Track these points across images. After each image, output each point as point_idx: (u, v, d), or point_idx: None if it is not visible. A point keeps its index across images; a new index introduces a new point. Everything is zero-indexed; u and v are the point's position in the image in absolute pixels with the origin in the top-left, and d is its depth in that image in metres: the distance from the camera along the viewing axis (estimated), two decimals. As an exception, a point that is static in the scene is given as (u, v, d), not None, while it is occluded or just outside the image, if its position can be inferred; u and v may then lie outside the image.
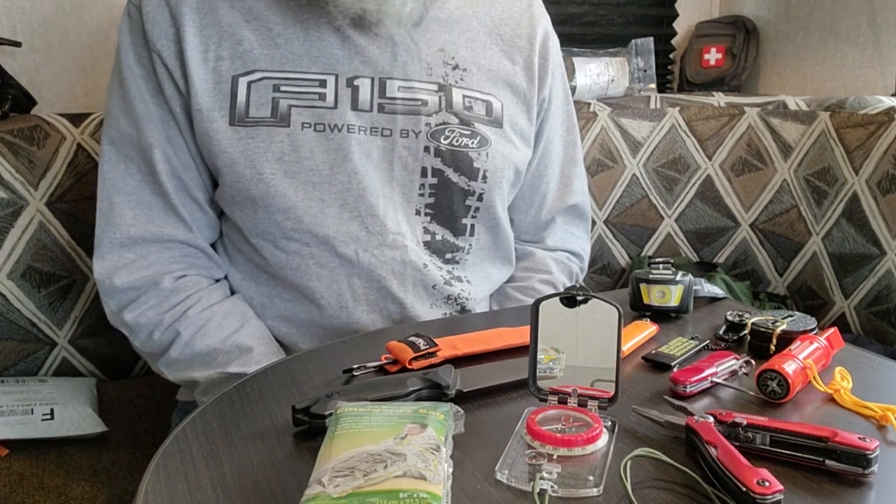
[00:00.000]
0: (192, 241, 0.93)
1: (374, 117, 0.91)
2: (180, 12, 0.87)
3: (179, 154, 0.91)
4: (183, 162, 0.91)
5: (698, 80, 1.84)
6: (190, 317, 0.89)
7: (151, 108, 0.90)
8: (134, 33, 0.90)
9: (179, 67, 0.87)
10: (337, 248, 0.91)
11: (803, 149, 1.48)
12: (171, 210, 0.91)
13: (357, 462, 0.48)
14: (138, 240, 0.90)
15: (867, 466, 0.53)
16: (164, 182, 0.90)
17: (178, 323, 0.89)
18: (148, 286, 0.90)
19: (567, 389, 0.61)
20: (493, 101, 0.98)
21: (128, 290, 0.90)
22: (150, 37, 0.88)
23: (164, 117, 0.90)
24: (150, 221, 0.91)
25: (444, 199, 0.95)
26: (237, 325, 0.90)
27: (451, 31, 0.96)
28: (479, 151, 0.95)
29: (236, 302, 0.93)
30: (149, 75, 0.89)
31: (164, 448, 0.59)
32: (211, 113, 0.87)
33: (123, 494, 0.96)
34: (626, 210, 1.56)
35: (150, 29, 0.88)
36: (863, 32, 1.64)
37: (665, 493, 0.52)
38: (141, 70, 0.90)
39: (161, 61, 0.88)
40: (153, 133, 0.89)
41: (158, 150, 0.89)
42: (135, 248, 0.91)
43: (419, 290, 0.95)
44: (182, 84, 0.88)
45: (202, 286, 0.92)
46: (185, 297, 0.90)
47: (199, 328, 0.89)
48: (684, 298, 0.85)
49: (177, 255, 0.92)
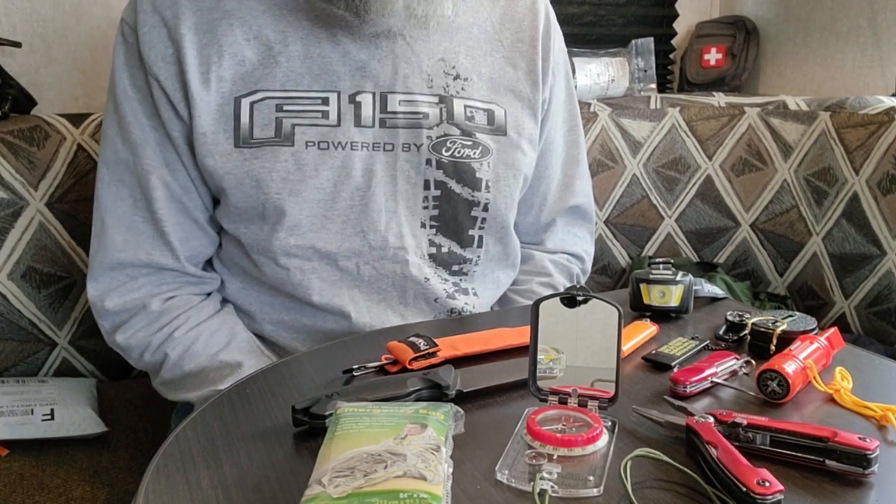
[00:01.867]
0: (181, 269, 0.92)
1: (376, 133, 0.90)
2: (179, 33, 0.86)
3: (178, 177, 0.90)
4: (182, 185, 0.90)
5: (698, 81, 1.84)
6: (177, 338, 0.89)
7: (148, 132, 0.89)
8: (129, 55, 0.88)
9: (179, 90, 0.86)
10: (339, 262, 0.91)
11: (803, 149, 1.48)
12: (160, 238, 0.90)
13: (357, 462, 0.48)
14: (127, 264, 0.90)
15: (867, 466, 0.53)
16: (160, 209, 0.89)
17: (165, 345, 0.89)
18: (137, 308, 0.90)
19: (567, 389, 0.61)
20: (495, 109, 0.97)
21: (119, 312, 0.91)
22: (147, 60, 0.86)
23: (162, 141, 0.89)
24: (139, 248, 0.90)
25: (449, 211, 0.95)
26: (224, 341, 0.90)
27: (452, 39, 0.96)
28: (481, 161, 0.95)
29: (224, 317, 0.93)
30: (145, 98, 0.88)
31: (164, 448, 0.59)
32: (216, 136, 0.86)
33: (123, 495, 0.96)
34: (627, 210, 1.56)
35: (147, 52, 0.86)
36: (863, 32, 1.64)
37: (665, 493, 0.52)
38: (136, 93, 0.88)
39: (158, 85, 0.86)
40: (150, 158, 0.89)
41: (156, 176, 0.89)
42: (125, 270, 0.91)
43: (420, 303, 0.95)
44: (182, 107, 0.86)
45: (192, 304, 0.92)
46: (172, 317, 0.90)
47: (186, 348, 0.89)
48: (684, 298, 0.85)
49: (167, 278, 0.92)
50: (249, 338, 0.92)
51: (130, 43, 0.88)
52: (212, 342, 0.89)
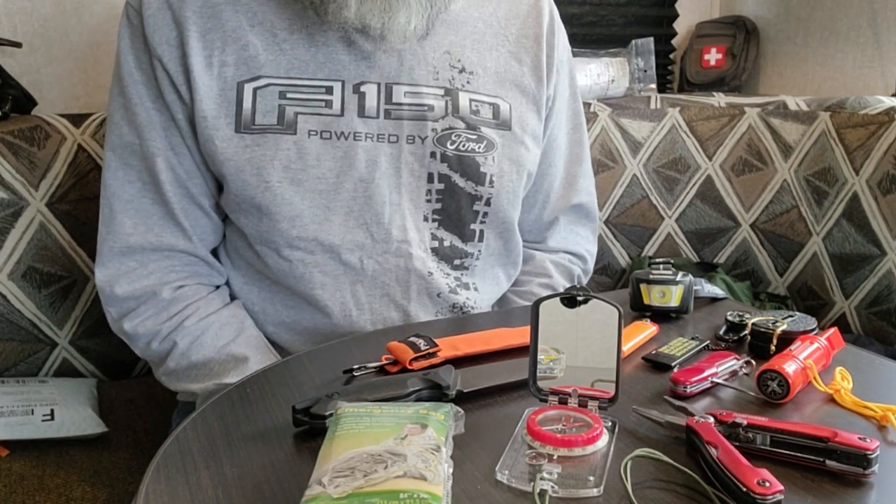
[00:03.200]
0: (192, 251, 0.92)
1: (380, 124, 0.90)
2: (183, 16, 0.86)
3: (183, 161, 0.90)
4: (187, 169, 0.90)
5: (698, 81, 1.84)
6: (187, 327, 0.89)
7: (153, 115, 0.89)
8: (134, 38, 0.89)
9: (182, 73, 0.86)
10: (342, 255, 0.90)
11: (804, 149, 1.48)
12: (171, 219, 0.90)
13: (357, 462, 0.48)
14: (137, 249, 0.90)
15: (867, 467, 0.53)
16: (167, 191, 0.89)
17: (175, 333, 0.89)
18: (147, 296, 0.90)
19: (567, 390, 0.61)
20: (500, 103, 0.97)
21: (128, 299, 0.90)
22: (151, 42, 0.86)
23: (166, 124, 0.89)
24: (150, 231, 0.90)
25: (452, 205, 0.95)
26: (233, 334, 0.89)
27: (458, 33, 0.96)
28: (485, 156, 0.95)
29: (234, 310, 0.93)
30: (149, 80, 0.88)
31: (164, 448, 0.59)
32: (216, 120, 0.86)
33: (124, 495, 0.96)
34: (627, 210, 1.56)
35: (151, 34, 0.86)
36: (863, 32, 1.64)
37: (665, 493, 0.52)
38: (141, 76, 0.89)
39: (162, 67, 0.87)
40: (156, 141, 0.89)
41: (162, 159, 0.89)
42: (135, 255, 0.90)
43: (423, 298, 0.95)
44: (184, 90, 0.87)
45: (201, 295, 0.92)
46: (183, 307, 0.90)
47: (195, 338, 0.88)
48: (684, 299, 0.85)
49: (177, 264, 0.92)
50: (258, 333, 0.92)
51: (135, 25, 0.88)
52: (221, 334, 0.89)
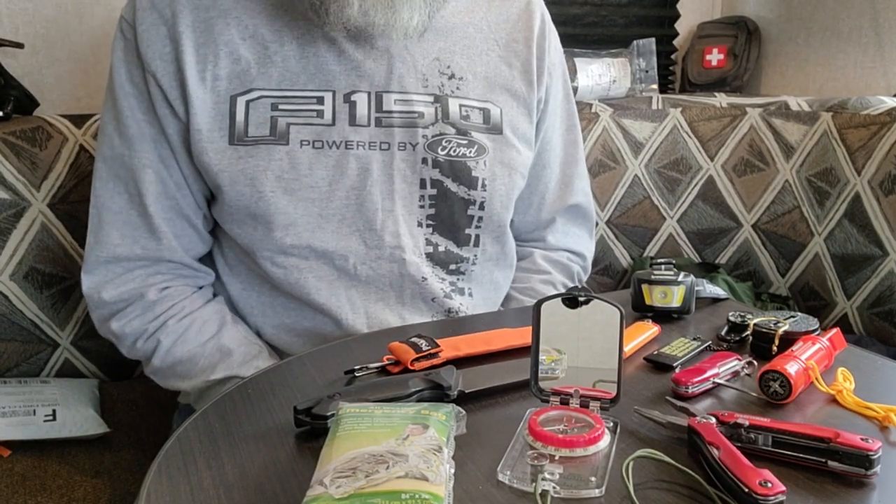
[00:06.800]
0: (178, 259, 0.93)
1: (371, 132, 0.91)
2: (178, 31, 0.87)
3: (172, 174, 0.91)
4: (176, 182, 0.91)
5: (700, 81, 1.84)
6: (170, 326, 0.90)
7: (144, 127, 0.89)
8: (127, 52, 0.89)
9: (177, 87, 0.87)
10: (335, 261, 0.91)
11: (805, 149, 1.48)
12: (156, 232, 0.91)
13: (359, 463, 0.48)
14: (124, 259, 0.91)
15: (869, 467, 0.53)
16: (150, 204, 0.90)
17: (159, 332, 0.90)
18: (134, 297, 0.91)
19: (569, 390, 0.61)
20: (490, 108, 0.98)
21: (116, 301, 0.91)
22: (145, 57, 0.87)
23: (157, 137, 0.89)
24: (136, 242, 0.91)
25: (445, 210, 0.95)
26: (216, 329, 0.91)
27: (447, 39, 0.96)
28: (477, 160, 0.95)
29: (216, 307, 0.94)
30: (141, 94, 0.89)
31: (166, 449, 0.59)
32: (210, 133, 0.87)
33: (125, 495, 0.96)
34: (628, 211, 1.56)
35: (145, 49, 0.87)
36: (865, 33, 1.64)
37: (667, 494, 0.52)
38: (133, 89, 0.89)
39: (155, 82, 0.87)
40: (146, 153, 0.89)
41: (151, 171, 0.90)
42: (121, 263, 0.92)
43: (418, 302, 0.95)
44: (178, 104, 0.87)
45: (186, 294, 0.93)
46: (168, 306, 0.91)
47: (179, 335, 0.90)
48: (686, 299, 0.85)
49: (162, 269, 0.93)
50: (242, 327, 0.93)
51: (129, 39, 0.89)
52: (204, 330, 0.90)
